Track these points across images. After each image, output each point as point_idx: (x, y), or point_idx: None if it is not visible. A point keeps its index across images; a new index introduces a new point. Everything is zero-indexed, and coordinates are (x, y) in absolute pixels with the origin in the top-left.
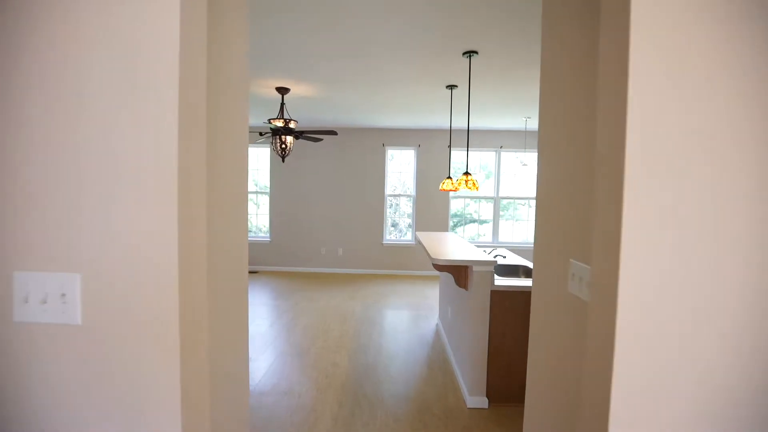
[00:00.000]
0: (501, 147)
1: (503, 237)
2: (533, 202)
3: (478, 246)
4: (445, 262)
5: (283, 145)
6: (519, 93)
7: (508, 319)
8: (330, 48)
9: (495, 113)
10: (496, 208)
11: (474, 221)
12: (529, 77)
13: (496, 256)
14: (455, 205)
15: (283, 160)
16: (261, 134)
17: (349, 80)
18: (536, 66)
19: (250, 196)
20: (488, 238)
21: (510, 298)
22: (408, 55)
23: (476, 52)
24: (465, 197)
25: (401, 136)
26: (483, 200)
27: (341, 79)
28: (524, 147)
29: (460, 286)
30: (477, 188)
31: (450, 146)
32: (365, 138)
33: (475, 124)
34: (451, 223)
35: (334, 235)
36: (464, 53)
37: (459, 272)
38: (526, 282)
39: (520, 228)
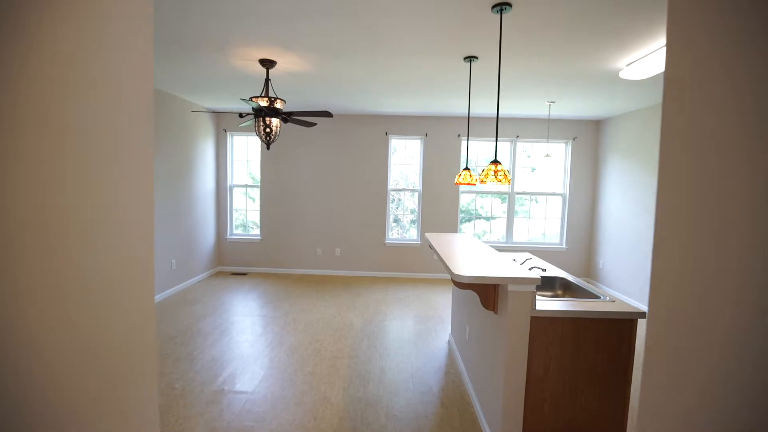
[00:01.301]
0: (517, 137)
1: (517, 236)
2: (552, 199)
3: (494, 248)
4: (472, 279)
5: (268, 129)
6: (550, 65)
7: (553, 351)
8: (323, 5)
9: (515, 95)
10: (511, 205)
11: (481, 218)
12: (567, 40)
13: (532, 267)
14: (462, 200)
15: (268, 147)
16: (241, 116)
17: (345, 50)
18: (573, 27)
19: (242, 189)
20: (495, 236)
21: (556, 326)
22: (419, 11)
23: (509, 5)
24: (478, 192)
25: (406, 124)
26: (491, 196)
27: (336, 49)
28: (547, 137)
29: (487, 308)
30: (509, 181)
31: (468, 135)
32: (366, 125)
33: (487, 110)
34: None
35: (332, 233)
36: (494, 6)
37: (487, 291)
38: (578, 304)
39: (534, 226)
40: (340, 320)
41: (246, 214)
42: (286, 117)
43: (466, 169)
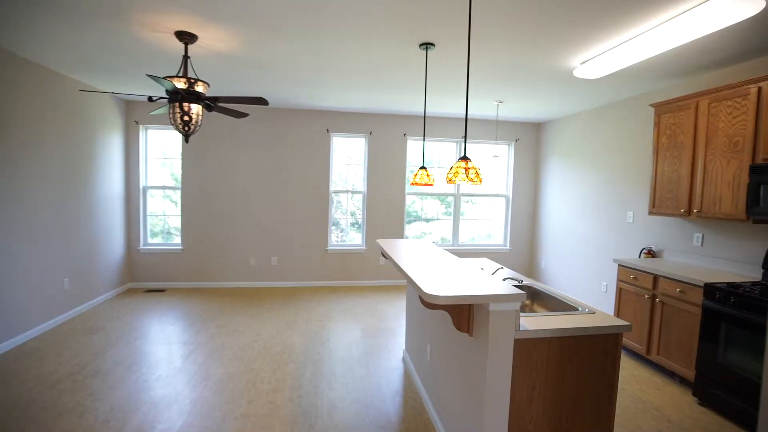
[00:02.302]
0: (463, 137)
1: (462, 238)
2: (496, 200)
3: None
4: (450, 300)
5: (187, 117)
6: (508, 57)
7: (537, 377)
8: None
9: (463, 91)
10: (457, 206)
11: (421, 219)
12: (526, 30)
13: (506, 278)
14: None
15: (186, 139)
16: (151, 99)
17: (280, 26)
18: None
19: (159, 191)
20: (435, 237)
21: (541, 348)
22: None
23: None
24: (419, 193)
25: (350, 121)
26: (433, 197)
27: (270, 24)
28: (495, 138)
29: (461, 330)
30: (481, 180)
31: (424, 132)
32: (306, 121)
33: (436, 108)
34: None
35: (267, 240)
36: None
37: (461, 312)
38: (562, 320)
39: (478, 228)
40: (279, 342)
41: (167, 220)
42: (211, 103)
43: (423, 168)
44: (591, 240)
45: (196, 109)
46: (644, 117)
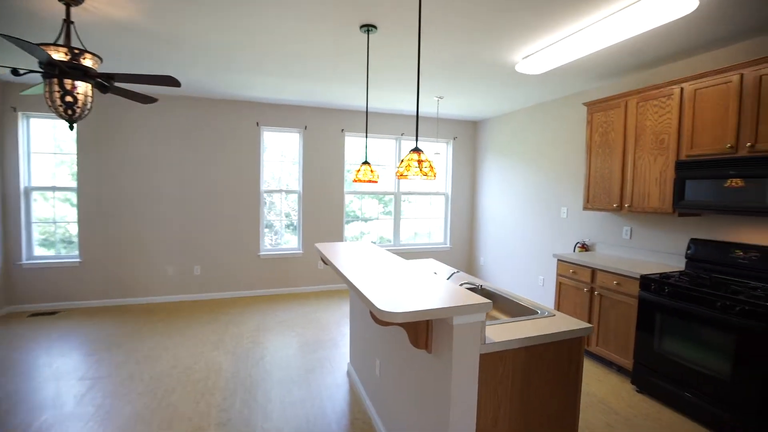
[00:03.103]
0: (402, 134)
1: (403, 237)
2: (436, 198)
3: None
4: (409, 316)
5: (70, 98)
6: (451, 47)
7: (502, 393)
8: None
9: (404, 88)
10: (397, 205)
11: (359, 219)
12: (470, 16)
13: (463, 283)
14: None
15: (71, 126)
16: (16, 73)
17: None
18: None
19: (48, 193)
20: (373, 237)
21: (506, 360)
22: None
23: None
24: (356, 192)
25: (282, 114)
26: (370, 196)
27: None
28: (436, 136)
29: (418, 347)
30: (435, 174)
31: (366, 126)
32: (233, 113)
33: (375, 103)
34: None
35: (188, 247)
36: None
37: (418, 327)
38: (526, 327)
39: (418, 226)
40: (203, 366)
41: (67, 228)
42: (104, 82)
43: (366, 163)
44: (527, 236)
45: (83, 88)
46: (577, 115)
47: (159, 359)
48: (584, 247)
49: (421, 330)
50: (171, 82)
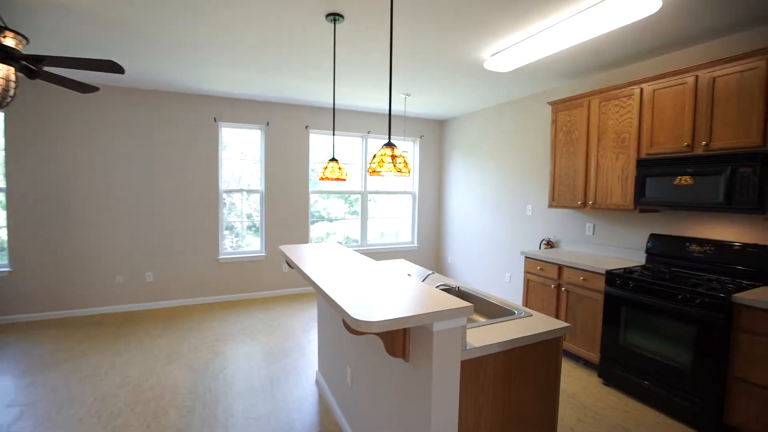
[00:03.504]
0: (369, 132)
1: (370, 237)
2: (403, 197)
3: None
4: (387, 325)
5: None
6: (419, 42)
7: (483, 401)
8: None
9: (368, 81)
10: (364, 204)
11: (324, 219)
12: (438, 10)
13: (439, 285)
14: (303, 201)
15: None
16: None
17: None
18: None
19: None
20: (339, 238)
21: (487, 366)
22: None
23: None
24: (321, 192)
25: (243, 110)
26: (335, 196)
27: None
28: (403, 134)
29: (394, 356)
30: (409, 171)
31: (333, 120)
32: (189, 107)
33: (338, 100)
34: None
35: (139, 252)
36: None
37: (394, 335)
38: (506, 329)
39: (382, 226)
40: (156, 383)
41: None
42: (32, 66)
43: (333, 160)
44: (494, 234)
45: (2, 71)
46: (542, 115)
47: (104, 378)
48: (549, 244)
49: (398, 338)
50: (112, 67)
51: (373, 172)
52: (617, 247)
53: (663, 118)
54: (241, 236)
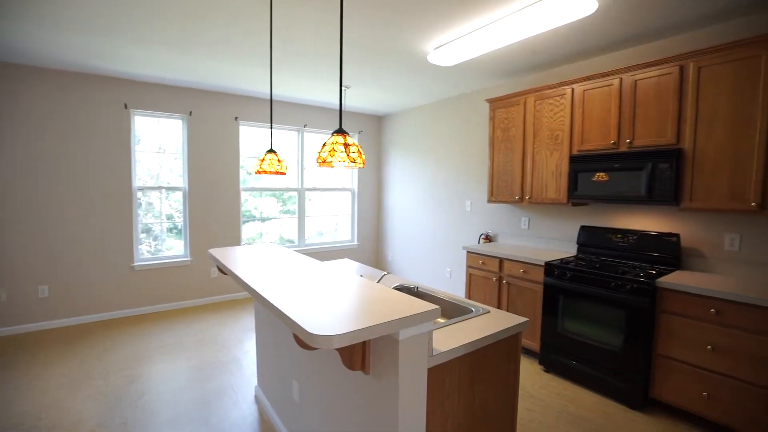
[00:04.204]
0: (305, 126)
1: (306, 237)
2: (342, 195)
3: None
4: (351, 338)
5: None
6: (360, 29)
7: (449, 407)
8: None
9: (306, 68)
10: (302, 202)
11: (256, 219)
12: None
13: (398, 286)
14: (233, 200)
15: None
16: None
17: None
18: None
19: None
20: (274, 238)
21: (453, 370)
22: None
23: None
24: (252, 189)
25: (159, 95)
26: (267, 194)
27: None
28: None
29: (353, 369)
30: (363, 161)
31: (271, 105)
32: (94, 91)
33: (273, 90)
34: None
35: (30, 262)
36: None
37: (353, 347)
38: (469, 328)
39: (319, 225)
40: (56, 417)
41: None
42: None
43: (271, 151)
44: (434, 229)
45: None
46: (481, 112)
47: None
48: (488, 238)
49: (357, 349)
50: None
51: (324, 162)
52: (550, 239)
53: (592, 117)
54: (160, 240)
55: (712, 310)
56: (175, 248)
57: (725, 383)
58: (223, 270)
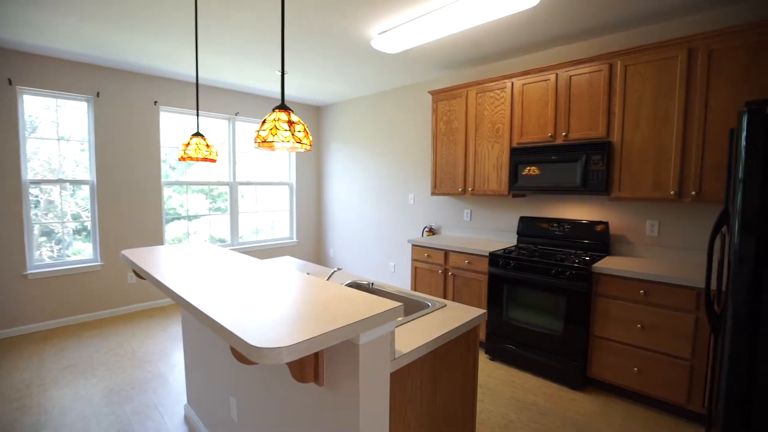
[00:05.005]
0: (237, 114)
1: (240, 235)
2: (279, 189)
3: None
4: (305, 348)
5: None
6: (298, 13)
7: (411, 412)
8: None
9: (242, 49)
10: (234, 197)
11: (182, 217)
12: None
13: (352, 283)
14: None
15: None
16: None
17: None
18: None
19: None
20: (203, 237)
21: (414, 372)
22: None
23: None
24: (178, 184)
25: (58, 72)
26: (195, 189)
27: None
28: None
29: (304, 381)
30: (310, 142)
31: (197, 77)
32: None
33: (200, 74)
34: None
35: None
36: None
37: (303, 358)
38: (430, 324)
39: (254, 222)
40: None
41: None
42: None
43: (198, 134)
44: (376, 223)
45: None
46: (424, 104)
47: None
48: (431, 231)
49: (309, 359)
50: None
51: (264, 143)
52: (492, 230)
53: (531, 110)
54: (65, 243)
55: (642, 291)
56: (83, 252)
57: (652, 358)
58: (139, 274)
